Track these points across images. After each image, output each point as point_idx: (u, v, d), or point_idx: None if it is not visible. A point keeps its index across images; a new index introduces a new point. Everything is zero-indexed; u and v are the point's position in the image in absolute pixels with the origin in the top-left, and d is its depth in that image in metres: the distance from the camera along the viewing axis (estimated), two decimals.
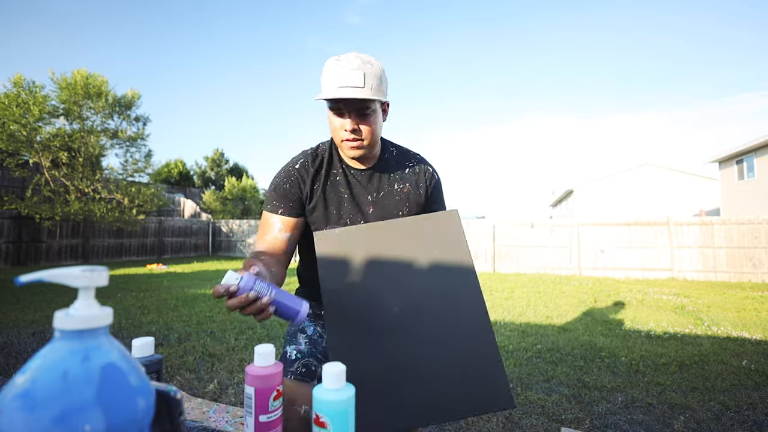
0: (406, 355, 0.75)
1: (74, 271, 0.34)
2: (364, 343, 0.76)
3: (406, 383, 0.71)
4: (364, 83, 0.93)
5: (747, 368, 3.17)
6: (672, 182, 20.51)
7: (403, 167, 1.13)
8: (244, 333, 4.13)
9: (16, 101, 10.34)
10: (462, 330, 0.78)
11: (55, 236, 11.56)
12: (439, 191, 1.17)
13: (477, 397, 0.70)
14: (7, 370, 3.01)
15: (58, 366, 0.31)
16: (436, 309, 0.81)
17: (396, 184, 1.11)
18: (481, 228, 11.66)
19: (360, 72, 0.93)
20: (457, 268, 0.87)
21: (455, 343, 0.76)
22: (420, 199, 1.12)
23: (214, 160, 28.97)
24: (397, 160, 1.14)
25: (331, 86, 0.94)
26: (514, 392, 2.72)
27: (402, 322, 0.79)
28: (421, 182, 1.13)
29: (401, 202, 1.10)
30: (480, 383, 0.71)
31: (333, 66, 0.94)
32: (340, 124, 0.98)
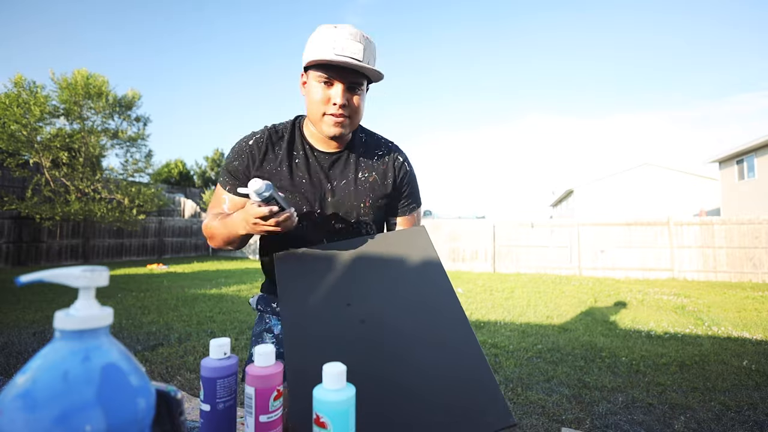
0: (390, 379, 0.67)
1: (74, 271, 0.34)
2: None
3: (392, 410, 0.64)
4: (363, 56, 0.86)
5: (747, 368, 3.16)
6: (672, 182, 20.50)
7: (372, 155, 1.03)
8: (244, 333, 4.13)
9: (17, 101, 10.34)
10: (448, 350, 0.72)
11: (56, 236, 11.56)
12: (410, 183, 1.07)
13: (476, 420, 0.64)
14: (7, 370, 3.01)
15: (58, 366, 0.31)
16: (417, 330, 0.74)
17: (361, 173, 1.00)
18: (481, 228, 11.65)
19: (360, 44, 0.85)
20: (433, 285, 0.82)
21: (443, 363, 0.70)
22: (386, 190, 1.02)
23: (214, 160, 28.96)
24: (367, 146, 1.03)
25: (327, 51, 0.84)
26: (514, 392, 2.72)
27: (381, 346, 0.71)
28: (390, 172, 1.03)
29: (363, 192, 0.99)
30: (477, 404, 0.66)
31: (329, 31, 0.85)
32: (327, 96, 0.88)
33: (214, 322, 4.66)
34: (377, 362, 0.69)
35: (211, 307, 5.48)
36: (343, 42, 0.84)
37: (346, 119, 0.90)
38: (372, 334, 0.74)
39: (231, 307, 5.50)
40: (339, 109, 0.88)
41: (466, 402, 0.66)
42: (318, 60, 0.84)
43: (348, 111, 0.90)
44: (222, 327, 4.39)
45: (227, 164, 0.97)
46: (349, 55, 0.84)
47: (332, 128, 0.91)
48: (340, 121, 0.90)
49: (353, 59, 0.84)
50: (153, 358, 3.35)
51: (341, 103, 0.87)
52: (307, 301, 0.79)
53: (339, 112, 0.88)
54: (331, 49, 0.84)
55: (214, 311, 5.23)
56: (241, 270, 10.76)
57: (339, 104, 0.87)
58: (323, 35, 0.86)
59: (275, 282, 1.00)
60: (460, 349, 0.72)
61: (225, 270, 10.70)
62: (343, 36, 0.84)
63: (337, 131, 0.91)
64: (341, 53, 0.84)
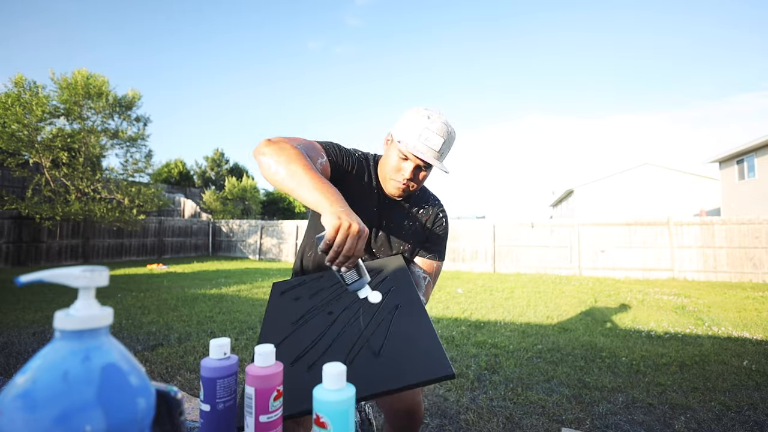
0: (341, 344, 0.80)
1: (74, 271, 0.34)
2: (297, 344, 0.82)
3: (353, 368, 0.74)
4: (440, 149, 1.03)
5: (748, 368, 3.16)
6: (672, 182, 20.50)
7: (420, 206, 1.21)
8: (244, 333, 4.13)
9: (17, 101, 10.35)
10: (398, 317, 0.85)
11: (56, 236, 11.56)
12: (440, 233, 1.23)
13: (418, 369, 0.72)
14: (7, 370, 3.01)
15: (58, 366, 0.31)
16: (374, 308, 0.88)
17: (407, 221, 1.18)
18: (481, 228, 11.65)
19: (442, 139, 1.02)
20: (395, 276, 0.99)
21: (392, 326, 0.83)
22: (422, 237, 1.21)
23: (214, 160, 28.96)
24: (419, 200, 1.22)
25: (414, 138, 1.02)
26: (514, 392, 2.72)
27: (337, 324, 0.86)
28: (429, 223, 1.21)
29: (406, 237, 1.18)
30: (419, 357, 0.74)
31: (422, 121, 1.02)
32: (400, 167, 1.06)
33: (214, 322, 4.66)
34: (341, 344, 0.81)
35: (211, 307, 5.48)
36: (430, 135, 1.01)
37: (409, 189, 1.09)
38: (339, 324, 0.86)
39: (231, 307, 5.50)
40: (405, 180, 1.06)
41: (410, 357, 0.76)
42: (411, 152, 1.01)
43: (412, 184, 1.08)
44: (222, 327, 4.39)
45: (343, 148, 1.10)
46: (430, 146, 1.01)
47: (394, 191, 1.10)
48: (402, 188, 1.08)
49: (434, 150, 1.02)
50: (153, 358, 3.35)
51: (408, 177, 1.05)
52: (290, 308, 0.94)
53: (404, 183, 1.07)
54: (417, 137, 1.01)
55: (214, 311, 5.23)
56: (241, 270, 10.76)
57: (407, 177, 1.05)
58: (416, 123, 1.02)
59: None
60: (408, 316, 0.86)
61: (225, 270, 10.71)
62: (431, 129, 1.01)
63: (397, 194, 1.10)
64: (425, 143, 1.01)
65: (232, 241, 16.29)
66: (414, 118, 1.03)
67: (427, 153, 1.01)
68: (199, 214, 18.29)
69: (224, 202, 21.25)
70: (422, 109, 1.04)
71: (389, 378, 0.70)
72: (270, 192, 27.05)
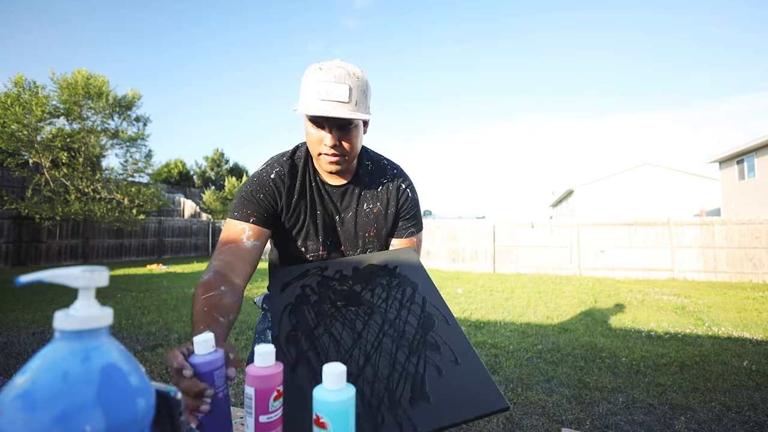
0: (376, 374, 0.70)
1: (74, 272, 0.34)
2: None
3: (383, 397, 0.66)
4: (349, 98, 0.87)
5: (748, 369, 3.16)
6: (672, 182, 20.51)
7: (377, 184, 1.07)
8: (244, 333, 4.13)
9: (17, 101, 10.35)
10: (438, 345, 0.76)
11: (55, 236, 11.56)
12: (410, 207, 1.10)
13: (469, 403, 0.67)
14: (7, 370, 3.01)
15: (58, 366, 0.31)
16: (403, 329, 0.78)
17: (366, 204, 1.05)
18: (481, 228, 11.65)
19: (345, 86, 0.87)
20: (418, 287, 0.89)
21: (435, 355, 0.74)
22: (390, 219, 1.08)
23: (214, 160, 28.98)
24: (372, 175, 1.07)
25: (312, 98, 0.87)
26: (514, 392, 2.72)
27: (366, 349, 0.75)
28: (392, 200, 1.08)
29: (369, 223, 1.05)
30: (470, 389, 0.68)
31: (315, 75, 0.87)
32: (319, 137, 0.92)
33: None
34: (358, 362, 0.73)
35: None
36: (328, 86, 0.86)
37: (339, 158, 0.94)
38: (352, 338, 0.77)
39: None
40: (331, 149, 0.92)
41: (460, 389, 0.69)
42: (306, 113, 0.87)
43: (341, 150, 0.93)
44: None
45: (248, 195, 0.96)
46: (333, 99, 0.86)
47: (327, 166, 0.95)
48: (334, 160, 0.94)
49: (338, 102, 0.86)
50: (153, 358, 3.34)
51: (331, 144, 0.91)
52: (297, 304, 0.84)
53: (331, 152, 0.92)
54: (316, 95, 0.86)
55: None
56: None
57: (329, 145, 0.91)
58: (310, 81, 0.88)
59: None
60: (450, 344, 0.77)
61: None
62: (327, 80, 0.86)
63: (332, 168, 0.96)
64: (326, 98, 0.86)
65: None
66: (307, 77, 0.89)
67: (334, 109, 0.85)
68: (199, 214, 18.30)
69: (224, 202, 21.25)
70: (314, 64, 0.90)
71: (439, 413, 0.64)
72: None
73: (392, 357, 0.73)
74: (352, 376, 0.69)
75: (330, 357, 0.73)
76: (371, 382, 0.69)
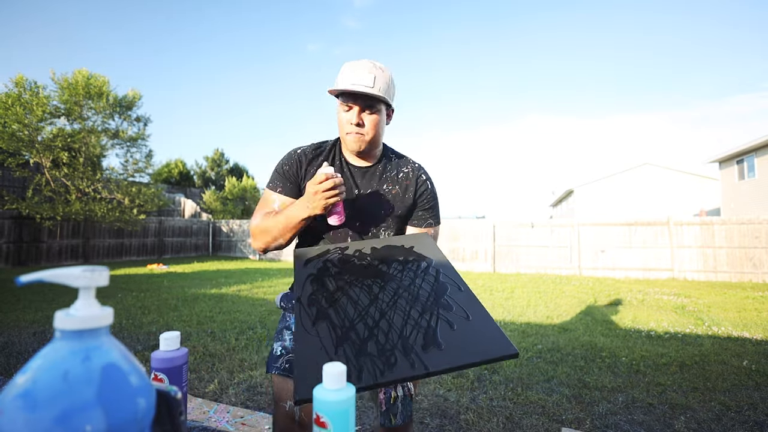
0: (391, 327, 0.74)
1: (75, 271, 0.34)
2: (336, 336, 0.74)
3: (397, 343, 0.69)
4: (374, 83, 1.02)
5: (748, 368, 3.16)
6: (672, 182, 20.50)
7: (398, 171, 1.18)
8: (244, 333, 4.13)
9: (18, 101, 10.35)
10: (450, 305, 0.80)
11: (56, 236, 11.57)
12: (429, 198, 1.19)
13: (479, 348, 0.68)
14: (7, 370, 3.01)
15: (58, 366, 0.31)
16: (417, 293, 0.83)
17: (385, 185, 1.14)
18: (481, 228, 11.65)
19: (371, 74, 1.03)
20: (433, 262, 0.95)
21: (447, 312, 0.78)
22: (407, 202, 1.16)
23: (214, 160, 28.97)
24: (395, 164, 1.19)
25: (344, 82, 1.03)
26: (514, 392, 2.72)
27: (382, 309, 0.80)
28: (411, 186, 1.17)
29: (386, 203, 1.14)
30: (480, 338, 0.71)
31: (348, 66, 1.05)
32: (347, 117, 1.06)
33: (214, 322, 4.66)
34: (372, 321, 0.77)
35: (211, 307, 5.48)
36: (357, 74, 1.03)
37: (362, 136, 1.06)
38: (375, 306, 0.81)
39: (231, 307, 5.50)
40: (355, 127, 1.05)
41: (470, 337, 0.72)
42: (336, 88, 1.04)
43: (363, 128, 1.06)
44: (222, 327, 4.39)
45: (279, 168, 1.13)
46: (362, 83, 1.02)
47: (352, 144, 1.08)
48: (357, 138, 1.06)
49: (365, 86, 1.02)
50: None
51: (356, 122, 1.04)
52: (318, 289, 0.87)
53: (355, 130, 1.06)
54: (347, 81, 1.03)
55: (214, 311, 5.23)
56: (241, 270, 10.76)
57: (354, 123, 1.04)
58: (342, 71, 1.06)
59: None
60: (462, 305, 0.80)
61: (225, 270, 10.71)
62: (357, 67, 1.04)
63: (355, 146, 1.08)
64: (356, 83, 1.02)
65: (232, 241, 16.30)
66: (342, 70, 1.07)
67: (358, 87, 1.00)
68: (199, 214, 18.30)
69: (224, 202, 21.25)
70: (348, 62, 1.09)
71: (450, 356, 0.67)
72: None
73: (406, 314, 0.77)
74: (368, 328, 0.73)
75: (348, 313, 0.77)
76: (386, 332, 0.72)
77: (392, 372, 0.63)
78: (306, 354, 0.68)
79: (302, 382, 0.62)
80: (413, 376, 0.63)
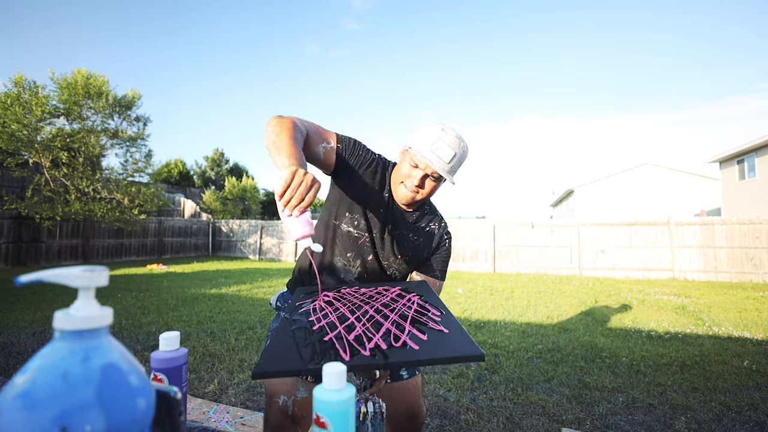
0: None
1: (74, 271, 0.34)
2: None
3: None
4: (450, 161, 1.05)
5: (748, 369, 3.16)
6: (672, 182, 20.49)
7: (427, 224, 1.23)
8: (244, 333, 4.13)
9: (17, 101, 10.34)
10: (427, 323, 0.81)
11: (55, 236, 11.56)
12: (444, 256, 1.25)
13: (445, 350, 0.69)
14: (7, 370, 3.01)
15: (58, 366, 0.31)
16: (399, 312, 0.86)
17: (412, 234, 1.19)
18: (481, 228, 11.65)
19: (453, 151, 1.05)
20: (423, 297, 0.98)
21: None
22: (424, 255, 1.22)
23: (214, 160, 28.96)
24: (426, 216, 1.23)
25: (426, 146, 1.05)
26: (514, 392, 2.72)
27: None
28: (434, 242, 1.23)
29: (407, 249, 1.19)
30: (450, 344, 0.72)
31: (437, 132, 1.06)
32: (410, 173, 1.08)
33: (214, 322, 4.65)
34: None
35: (211, 307, 5.48)
36: (441, 145, 1.04)
37: (416, 195, 1.10)
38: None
39: (231, 307, 5.50)
40: (414, 187, 1.09)
41: (439, 341, 0.73)
42: (419, 155, 1.05)
43: (420, 191, 1.10)
44: (222, 327, 4.39)
45: (358, 142, 1.13)
46: (441, 156, 1.04)
47: (402, 198, 1.12)
48: (411, 196, 1.10)
49: (443, 162, 1.04)
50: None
51: (417, 184, 1.08)
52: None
53: (414, 188, 1.09)
54: (430, 146, 1.04)
55: (214, 311, 5.23)
56: (241, 270, 10.76)
57: (415, 184, 1.08)
58: (430, 132, 1.06)
59: (298, 279, 1.22)
60: (440, 323, 0.82)
61: (225, 270, 10.71)
62: (444, 141, 1.05)
63: (405, 200, 1.12)
64: (436, 152, 1.04)
65: (232, 241, 16.29)
66: (429, 129, 1.07)
67: (436, 163, 1.03)
68: (199, 214, 18.29)
69: (224, 202, 21.25)
70: (438, 123, 1.09)
71: (413, 353, 0.68)
72: (270, 192, 27.06)
73: (380, 325, 0.79)
74: (340, 332, 0.74)
75: (327, 324, 0.79)
76: (356, 333, 0.74)
77: (352, 360, 0.64)
78: (280, 339, 0.71)
79: (263, 360, 0.64)
80: (370, 364, 0.63)
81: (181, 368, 0.69)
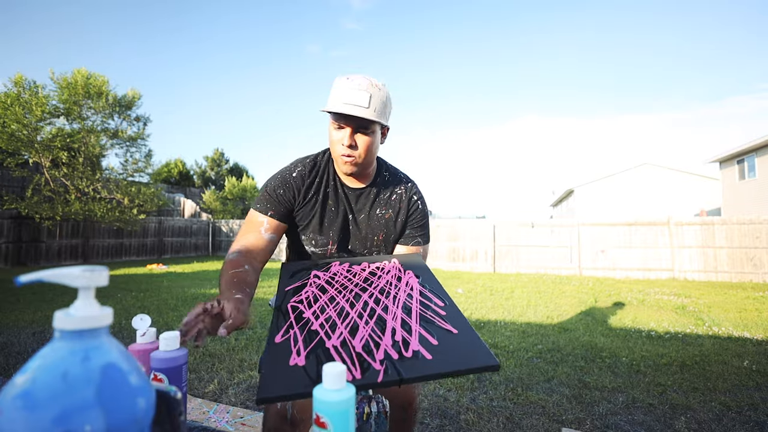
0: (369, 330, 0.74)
1: (74, 271, 0.34)
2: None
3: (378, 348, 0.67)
4: (369, 104, 0.96)
5: (748, 369, 3.16)
6: (672, 182, 20.49)
7: (392, 192, 1.16)
8: (244, 333, 4.13)
9: (17, 101, 10.34)
10: (433, 320, 0.78)
11: (55, 236, 11.56)
12: (419, 218, 1.17)
13: (459, 359, 0.66)
14: (7, 370, 3.01)
15: (58, 366, 0.31)
16: (400, 304, 0.83)
17: (379, 209, 1.13)
18: (482, 228, 11.65)
19: (366, 93, 0.96)
20: (420, 279, 0.94)
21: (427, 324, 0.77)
22: (399, 226, 1.16)
23: (214, 160, 28.96)
24: (388, 184, 1.16)
25: (337, 101, 0.97)
26: (514, 392, 2.72)
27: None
28: (403, 209, 1.15)
29: (379, 227, 1.13)
30: (462, 350, 0.68)
31: (342, 83, 0.98)
32: (339, 137, 1.01)
33: None
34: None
35: None
36: (351, 92, 0.96)
37: (355, 159, 1.02)
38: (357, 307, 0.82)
39: None
40: (347, 149, 1.00)
41: (450, 348, 0.69)
42: (328, 110, 0.98)
43: (356, 152, 1.01)
44: None
45: (270, 190, 1.07)
46: (356, 104, 0.96)
47: (344, 167, 1.04)
48: (350, 161, 1.02)
49: (359, 107, 0.95)
50: None
51: (348, 143, 0.99)
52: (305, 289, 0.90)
53: (347, 152, 1.00)
54: (340, 100, 0.96)
55: None
56: None
57: (346, 145, 0.99)
58: (336, 87, 0.99)
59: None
60: (446, 320, 0.79)
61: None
62: (352, 87, 0.96)
63: (347, 169, 1.04)
64: (349, 102, 0.96)
65: (232, 241, 16.23)
66: (335, 84, 1.00)
67: (354, 110, 0.94)
68: (199, 214, 18.29)
69: (224, 202, 21.25)
70: (342, 75, 1.01)
71: (426, 365, 0.64)
72: None
73: (384, 321, 0.76)
74: (343, 336, 0.71)
75: (325, 322, 0.76)
76: (361, 340, 0.70)
77: (364, 377, 0.61)
78: (276, 356, 0.65)
79: (267, 380, 0.60)
80: (386, 381, 0.60)
81: (181, 368, 0.69)
